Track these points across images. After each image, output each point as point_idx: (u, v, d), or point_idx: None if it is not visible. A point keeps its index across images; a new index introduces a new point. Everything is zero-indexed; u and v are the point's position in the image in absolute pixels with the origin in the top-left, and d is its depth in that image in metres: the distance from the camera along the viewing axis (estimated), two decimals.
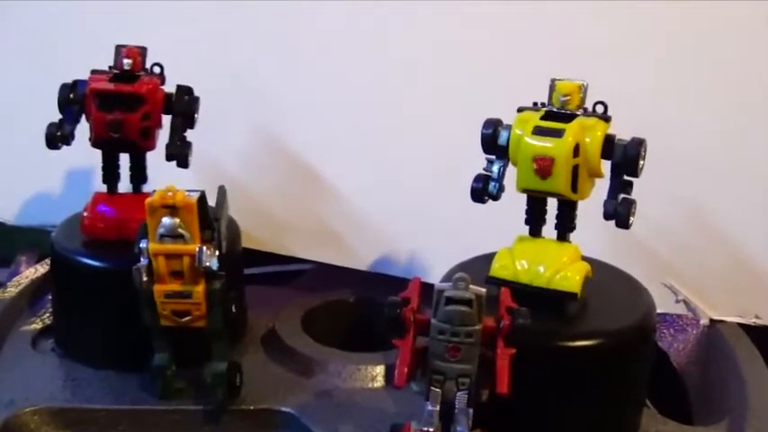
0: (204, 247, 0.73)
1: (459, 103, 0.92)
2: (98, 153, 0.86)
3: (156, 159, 0.86)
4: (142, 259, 0.74)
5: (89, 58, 0.85)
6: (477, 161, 0.76)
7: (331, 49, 0.97)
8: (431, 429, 0.67)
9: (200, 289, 0.75)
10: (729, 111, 0.90)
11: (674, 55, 0.91)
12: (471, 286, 0.65)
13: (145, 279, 0.74)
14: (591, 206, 0.74)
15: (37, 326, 0.91)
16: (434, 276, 0.68)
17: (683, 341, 0.92)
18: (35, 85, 0.95)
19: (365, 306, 0.96)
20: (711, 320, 0.91)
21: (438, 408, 0.67)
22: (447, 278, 0.69)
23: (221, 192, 0.79)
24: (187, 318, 0.76)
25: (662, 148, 0.75)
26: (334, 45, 0.97)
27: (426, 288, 0.69)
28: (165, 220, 0.73)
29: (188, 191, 0.74)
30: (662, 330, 0.91)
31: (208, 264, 0.73)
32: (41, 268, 0.97)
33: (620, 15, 0.91)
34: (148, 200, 0.73)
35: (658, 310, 0.79)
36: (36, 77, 0.98)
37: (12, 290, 0.94)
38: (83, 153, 0.86)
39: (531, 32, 0.93)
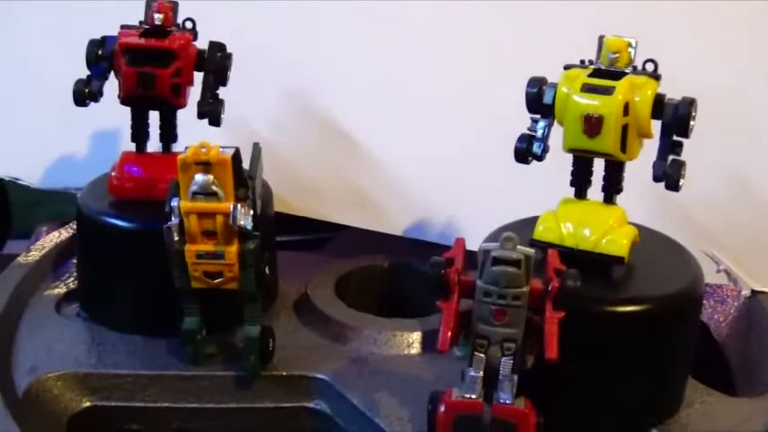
0: (239, 206, 0.71)
1: (499, 62, 0.90)
2: (123, 114, 0.84)
3: (186, 119, 0.84)
4: (173, 218, 0.72)
5: (118, 14, 0.83)
6: (519, 122, 0.73)
7: (367, 12, 0.95)
8: (473, 396, 0.65)
9: (233, 249, 0.73)
10: None
11: (729, 18, 0.89)
12: (519, 246, 0.62)
13: (176, 239, 0.72)
14: (633, 174, 0.72)
15: (61, 290, 0.89)
16: (472, 242, 0.66)
17: (723, 312, 0.90)
18: (60, 42, 0.93)
19: (400, 272, 0.94)
20: (753, 291, 0.89)
21: (481, 374, 0.65)
22: (492, 239, 0.66)
23: (256, 149, 0.76)
24: (219, 279, 0.74)
25: (709, 115, 0.73)
26: (369, 9, 0.95)
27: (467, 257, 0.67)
28: (198, 177, 0.70)
29: (222, 147, 0.71)
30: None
31: (242, 223, 0.71)
32: (65, 232, 0.95)
33: None
34: (181, 156, 0.71)
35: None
36: (61, 34, 0.96)
37: (35, 254, 0.92)
38: (109, 115, 0.84)
39: None
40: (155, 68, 0.80)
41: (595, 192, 0.74)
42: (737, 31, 0.90)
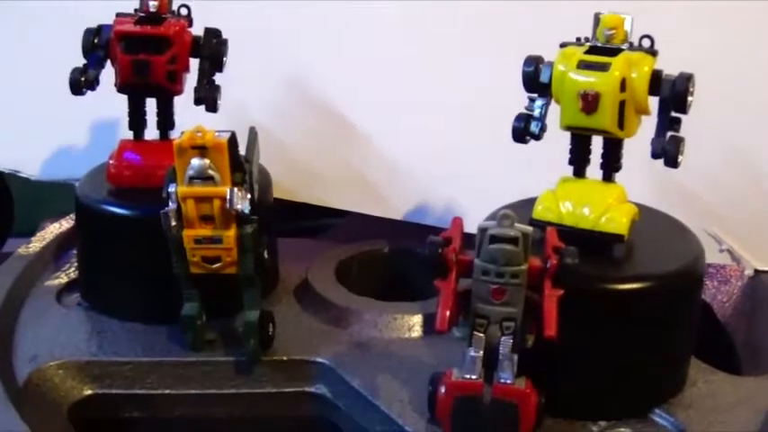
0: (236, 189, 0.71)
1: (496, 43, 0.90)
2: (121, 104, 0.84)
3: (183, 105, 0.84)
4: (171, 203, 0.72)
5: (114, 3, 0.83)
6: (515, 102, 0.73)
7: None
8: (473, 376, 0.65)
9: (231, 233, 0.72)
10: None
11: None
12: (517, 224, 0.62)
13: (174, 224, 0.72)
14: (632, 152, 0.72)
15: (62, 281, 0.89)
16: (472, 225, 0.65)
17: (726, 292, 0.90)
18: (56, 31, 0.93)
19: (400, 256, 0.94)
20: (756, 271, 0.89)
21: (481, 353, 0.65)
22: (490, 218, 0.66)
23: (252, 133, 0.76)
24: (218, 264, 0.73)
25: (710, 93, 0.72)
26: None
27: (465, 238, 0.66)
28: (195, 162, 0.70)
29: (218, 131, 0.71)
30: (705, 281, 0.88)
31: (239, 206, 0.71)
32: (66, 223, 0.95)
33: None
34: (177, 141, 0.70)
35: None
36: (57, 25, 0.96)
37: (36, 245, 0.92)
38: (106, 104, 0.84)
39: None
40: (150, 55, 0.80)
41: (594, 170, 0.73)
42: (739, 7, 0.89)
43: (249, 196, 0.72)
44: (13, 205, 1.11)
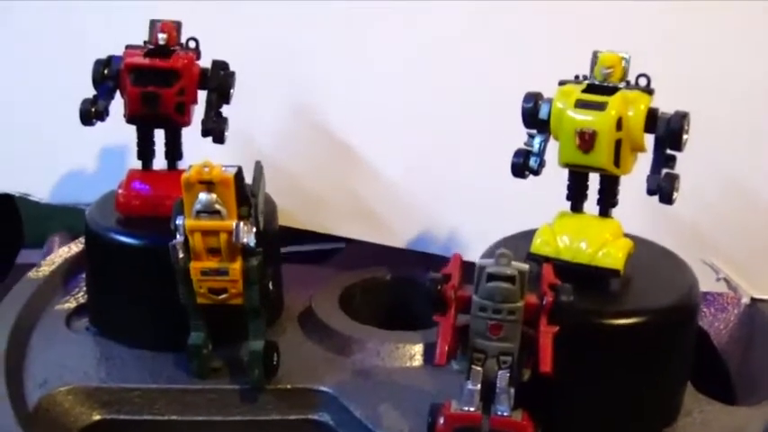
0: (241, 223, 0.73)
1: (500, 79, 0.91)
2: (131, 131, 0.85)
3: (190, 136, 0.85)
4: (178, 236, 0.74)
5: (125, 33, 0.84)
6: (518, 137, 0.74)
7: (367, 25, 0.96)
8: (471, 408, 0.66)
9: (236, 266, 0.74)
10: None
11: (724, 21, 0.91)
12: (514, 262, 0.64)
13: (181, 256, 0.74)
14: (630, 183, 0.73)
15: (71, 305, 0.90)
16: (473, 254, 0.67)
17: (723, 320, 0.91)
18: (67, 62, 0.95)
19: (403, 284, 0.95)
20: (753, 299, 0.90)
21: (479, 387, 0.66)
22: (488, 255, 0.68)
23: (258, 167, 0.78)
24: (224, 295, 0.75)
25: (704, 123, 0.73)
26: (370, 22, 0.96)
27: (465, 267, 0.68)
28: (202, 196, 0.72)
29: (224, 166, 0.73)
30: (702, 309, 0.89)
31: (245, 240, 0.73)
32: (75, 247, 0.96)
33: None
34: (185, 175, 0.72)
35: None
36: (69, 54, 0.98)
37: (45, 269, 0.93)
38: (116, 131, 0.85)
39: (569, 5, 0.91)
40: (159, 88, 0.81)
41: (592, 205, 0.75)
42: (733, 38, 0.91)
43: (255, 229, 0.74)
44: (23, 226, 1.13)
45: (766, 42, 0.90)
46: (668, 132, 0.70)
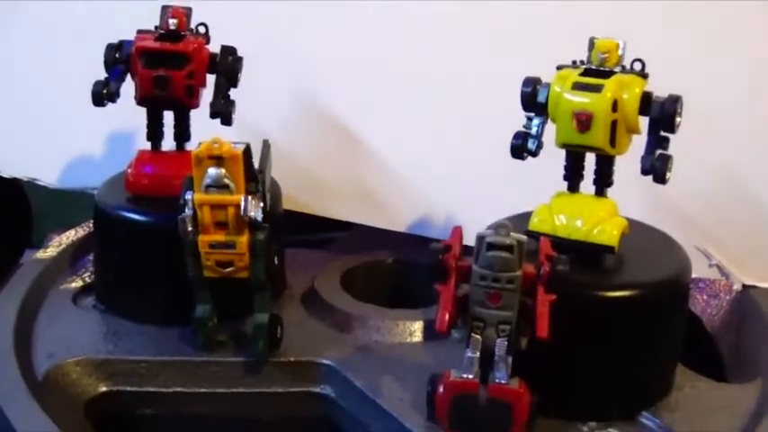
0: (249, 197, 0.75)
1: (499, 64, 0.93)
2: (138, 118, 0.87)
3: (199, 119, 0.87)
4: (187, 210, 0.75)
5: (134, 18, 0.87)
6: (517, 120, 0.76)
7: (374, 11, 0.98)
8: (470, 376, 0.68)
9: (244, 239, 0.76)
10: None
11: (719, 15, 0.92)
12: (512, 233, 0.66)
13: (190, 229, 0.76)
14: (625, 169, 0.75)
15: (78, 284, 0.92)
16: (471, 237, 0.69)
17: (716, 306, 0.92)
18: (77, 44, 0.97)
19: (403, 268, 0.97)
20: (744, 286, 0.92)
21: (478, 354, 0.68)
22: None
23: (266, 145, 0.80)
24: (230, 268, 0.77)
25: (699, 111, 0.75)
26: (376, 9, 0.98)
27: (466, 250, 0.69)
28: (211, 171, 0.74)
29: (234, 143, 0.75)
30: (695, 296, 0.92)
31: (252, 214, 0.75)
32: (81, 230, 0.98)
33: None
34: (195, 150, 0.74)
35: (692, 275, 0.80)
36: (79, 36, 1.00)
37: (51, 250, 0.95)
38: (123, 118, 0.88)
39: None
40: (169, 71, 0.83)
41: (588, 185, 0.77)
42: (727, 29, 0.93)
43: (262, 205, 0.76)
44: (32, 216, 1.14)
45: (759, 29, 0.91)
46: (662, 114, 0.72)
